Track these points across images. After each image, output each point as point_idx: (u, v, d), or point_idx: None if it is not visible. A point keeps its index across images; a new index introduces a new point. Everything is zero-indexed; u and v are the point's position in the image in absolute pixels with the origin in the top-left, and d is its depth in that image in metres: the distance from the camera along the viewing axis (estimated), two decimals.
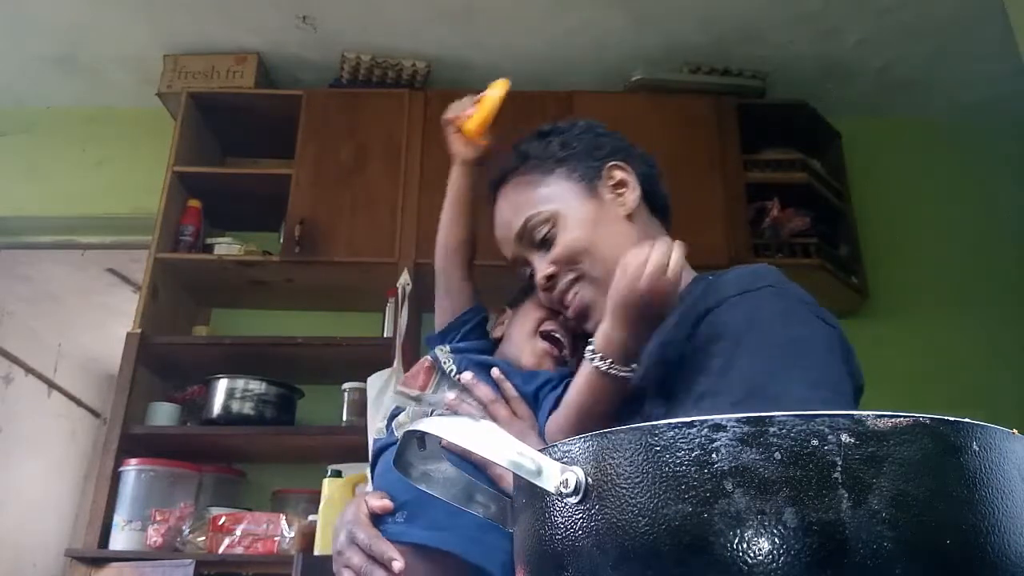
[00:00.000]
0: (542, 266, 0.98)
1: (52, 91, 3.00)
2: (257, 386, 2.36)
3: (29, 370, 4.24)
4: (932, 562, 0.34)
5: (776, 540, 0.34)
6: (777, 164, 2.72)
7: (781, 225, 2.58)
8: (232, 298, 2.76)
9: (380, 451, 1.03)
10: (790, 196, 2.62)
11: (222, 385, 2.36)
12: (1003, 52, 2.39)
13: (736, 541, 0.34)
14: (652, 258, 0.78)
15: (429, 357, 1.07)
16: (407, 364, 2.24)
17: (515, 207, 1.01)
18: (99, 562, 2.12)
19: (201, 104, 2.76)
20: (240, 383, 2.36)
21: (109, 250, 3.17)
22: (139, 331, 2.37)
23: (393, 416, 1.03)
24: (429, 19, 2.68)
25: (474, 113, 1.14)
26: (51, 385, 4.43)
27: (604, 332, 0.82)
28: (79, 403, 4.69)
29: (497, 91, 1.14)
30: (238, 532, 2.10)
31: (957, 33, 2.70)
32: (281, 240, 2.54)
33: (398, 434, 1.00)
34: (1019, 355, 2.65)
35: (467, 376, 0.97)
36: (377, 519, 0.91)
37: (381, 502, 0.90)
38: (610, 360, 0.81)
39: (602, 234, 0.96)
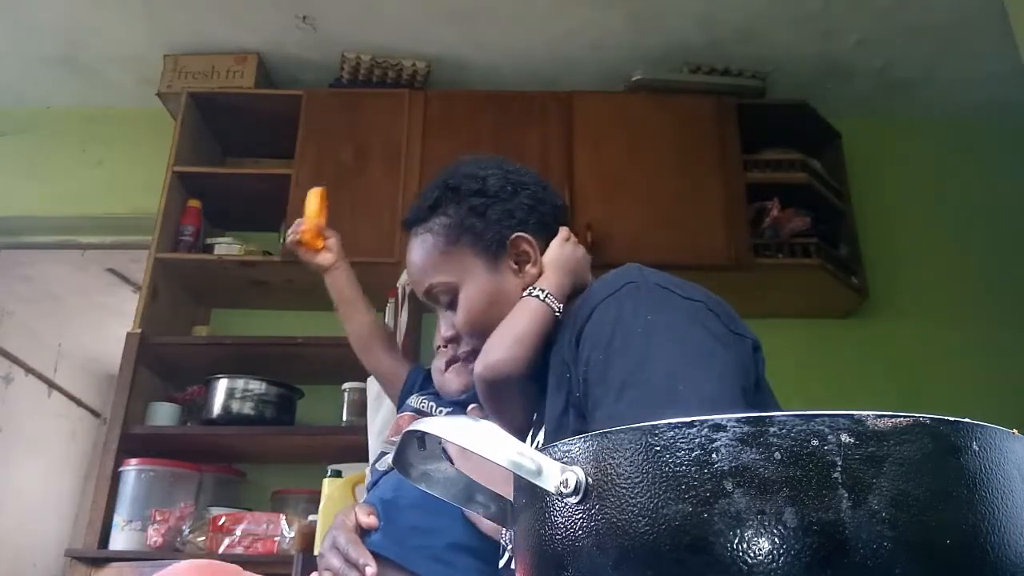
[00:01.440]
0: (444, 326, 1.07)
1: (52, 91, 3.00)
2: (257, 386, 2.36)
3: (29, 370, 4.24)
4: (932, 562, 0.34)
5: (776, 540, 0.34)
6: (777, 164, 2.72)
7: (781, 225, 2.58)
8: (232, 298, 2.76)
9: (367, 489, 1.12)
10: (790, 196, 2.62)
11: (222, 385, 2.36)
12: (1003, 52, 2.39)
13: (736, 541, 0.34)
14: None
15: (407, 412, 1.16)
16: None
17: (421, 265, 1.06)
18: (99, 562, 2.12)
19: (201, 104, 2.76)
20: (240, 383, 2.36)
21: (109, 250, 3.17)
22: (139, 331, 2.37)
23: (379, 458, 1.10)
24: (429, 19, 2.68)
25: (304, 227, 1.33)
26: (51, 385, 4.43)
27: (545, 276, 1.00)
28: (79, 403, 4.69)
29: (313, 200, 1.33)
30: (238, 532, 2.10)
31: (957, 33, 2.70)
32: (281, 240, 2.54)
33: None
34: (1019, 355, 2.65)
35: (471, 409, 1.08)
36: (363, 532, 0.97)
37: (369, 518, 0.97)
38: (547, 292, 0.97)
39: (498, 310, 1.01)
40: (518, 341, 0.95)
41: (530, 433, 1.00)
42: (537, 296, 0.97)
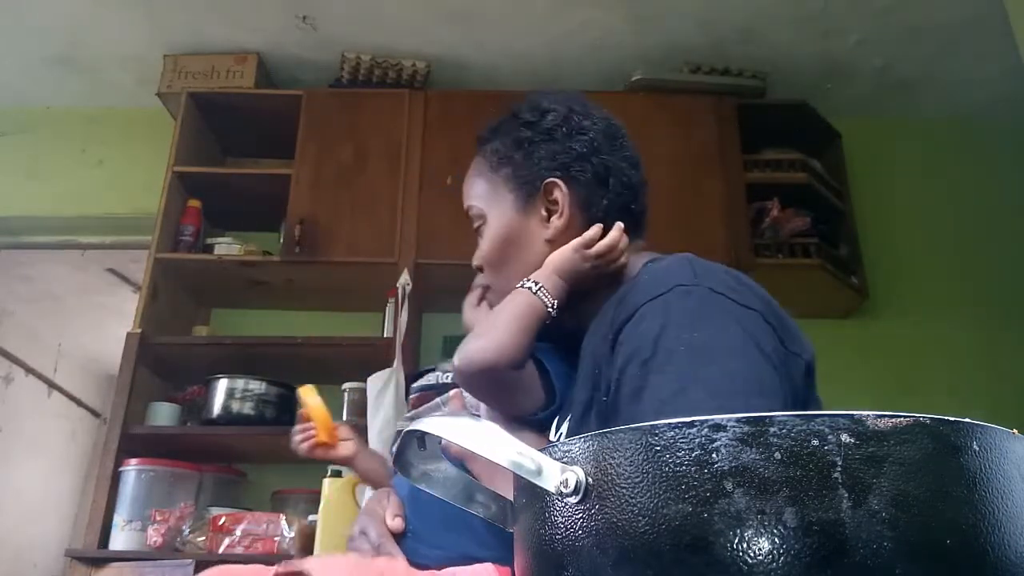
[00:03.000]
0: (476, 255, 1.03)
1: (52, 91, 3.00)
2: (257, 386, 2.36)
3: (29, 370, 4.24)
4: (932, 562, 0.34)
5: (776, 540, 0.34)
6: (777, 164, 2.72)
7: (781, 225, 2.58)
8: (232, 298, 2.76)
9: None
10: (790, 196, 2.62)
11: (222, 385, 2.36)
12: (1003, 52, 2.39)
13: (736, 541, 0.35)
14: (603, 243, 0.93)
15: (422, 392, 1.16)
16: (407, 364, 2.24)
17: (467, 184, 1.05)
18: (99, 562, 2.12)
19: (201, 104, 2.76)
20: (240, 383, 2.36)
21: (109, 250, 3.17)
22: (139, 331, 2.37)
23: (395, 440, 1.06)
24: (429, 19, 2.68)
25: (317, 429, 1.29)
26: (51, 385, 4.43)
27: (542, 271, 0.94)
28: (79, 403, 4.69)
29: (314, 399, 1.31)
30: (238, 532, 2.10)
31: (957, 33, 2.70)
32: (281, 240, 2.54)
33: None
34: (1019, 355, 2.65)
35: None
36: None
37: (395, 521, 0.94)
38: (541, 285, 0.91)
39: (516, 255, 0.98)
40: (498, 331, 0.89)
41: (554, 423, 0.95)
42: (529, 288, 0.92)
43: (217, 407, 2.33)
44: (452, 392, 1.05)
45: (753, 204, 2.62)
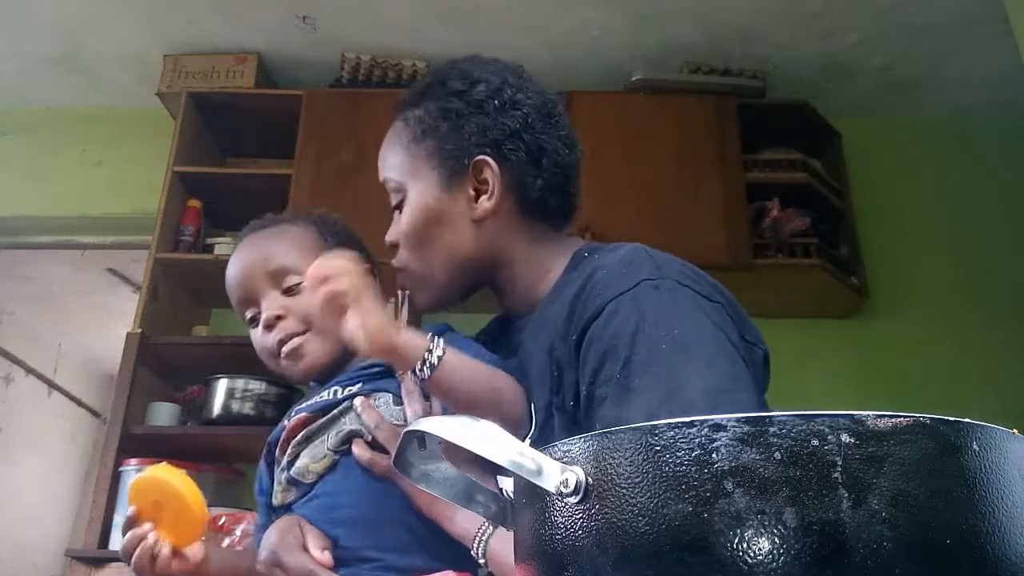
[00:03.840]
0: (391, 231, 0.96)
1: (52, 91, 3.00)
2: (257, 386, 2.36)
3: (29, 370, 4.24)
4: (932, 562, 0.34)
5: (776, 540, 0.34)
6: (777, 164, 2.72)
7: (781, 225, 2.58)
8: None
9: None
10: (790, 196, 2.62)
11: (222, 385, 2.36)
12: (1003, 52, 2.39)
13: (736, 541, 0.35)
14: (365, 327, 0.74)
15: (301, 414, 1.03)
16: None
17: (383, 153, 0.97)
18: (99, 562, 2.12)
19: (201, 104, 2.76)
20: (240, 383, 2.36)
21: (109, 250, 3.17)
22: (139, 331, 2.37)
23: (287, 466, 0.95)
24: (429, 19, 2.68)
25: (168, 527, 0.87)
26: (51, 385, 4.43)
27: (393, 361, 0.83)
28: (79, 403, 4.69)
29: (181, 480, 0.90)
30: (238, 532, 2.10)
31: (957, 33, 2.70)
32: None
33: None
34: (1018, 355, 2.65)
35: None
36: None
37: (325, 555, 0.84)
38: (411, 371, 0.78)
39: (439, 235, 0.90)
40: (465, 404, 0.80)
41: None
42: (414, 379, 0.80)
43: (217, 407, 2.33)
44: (358, 401, 0.90)
45: (753, 204, 2.62)
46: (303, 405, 0.98)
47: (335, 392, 0.94)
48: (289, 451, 0.94)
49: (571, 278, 0.86)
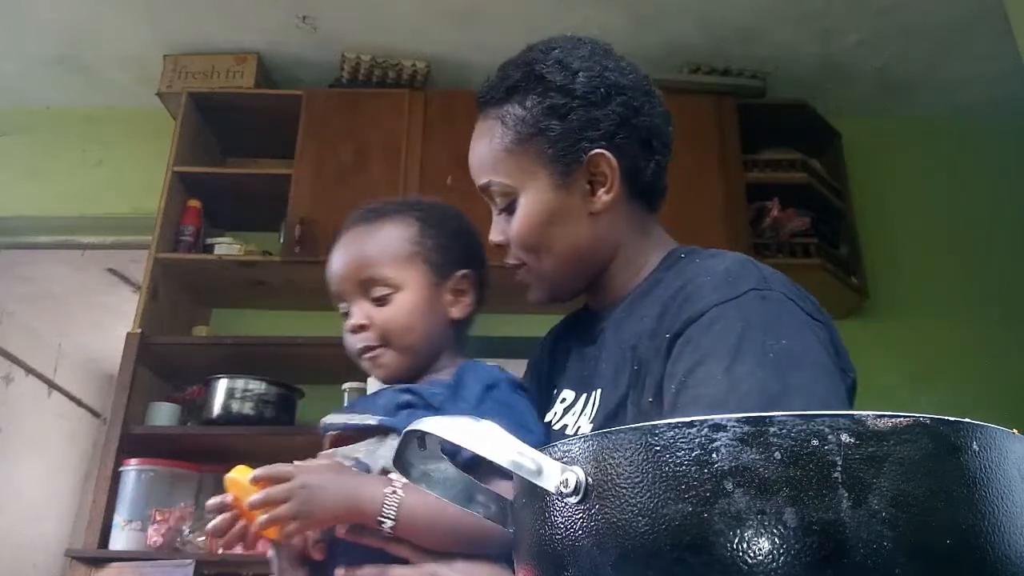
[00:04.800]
0: (495, 230, 0.93)
1: (52, 91, 3.00)
2: (257, 386, 2.36)
3: (29, 370, 4.24)
4: (932, 562, 0.34)
5: (776, 540, 0.34)
6: (777, 164, 2.72)
7: (781, 225, 2.58)
8: (232, 298, 2.76)
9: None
10: (790, 196, 2.62)
11: (222, 385, 2.36)
12: (1003, 52, 2.39)
13: (736, 541, 0.34)
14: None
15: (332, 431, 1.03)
16: None
17: (481, 157, 0.91)
18: (99, 562, 2.12)
19: (201, 104, 2.76)
20: (240, 383, 2.36)
21: (109, 250, 3.17)
22: (139, 331, 2.37)
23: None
24: (429, 19, 2.68)
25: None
26: (51, 385, 4.43)
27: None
28: (79, 403, 4.70)
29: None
30: None
31: (957, 33, 2.70)
32: (281, 240, 2.54)
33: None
34: (1018, 355, 2.65)
35: None
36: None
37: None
38: (379, 527, 0.78)
39: (559, 235, 0.88)
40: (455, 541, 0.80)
41: (557, 413, 0.91)
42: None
43: (217, 407, 2.33)
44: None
45: (753, 204, 2.62)
46: (339, 420, 0.98)
47: (366, 419, 0.94)
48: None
49: (665, 277, 0.86)
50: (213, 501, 0.86)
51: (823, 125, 2.86)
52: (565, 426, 0.88)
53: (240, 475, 0.87)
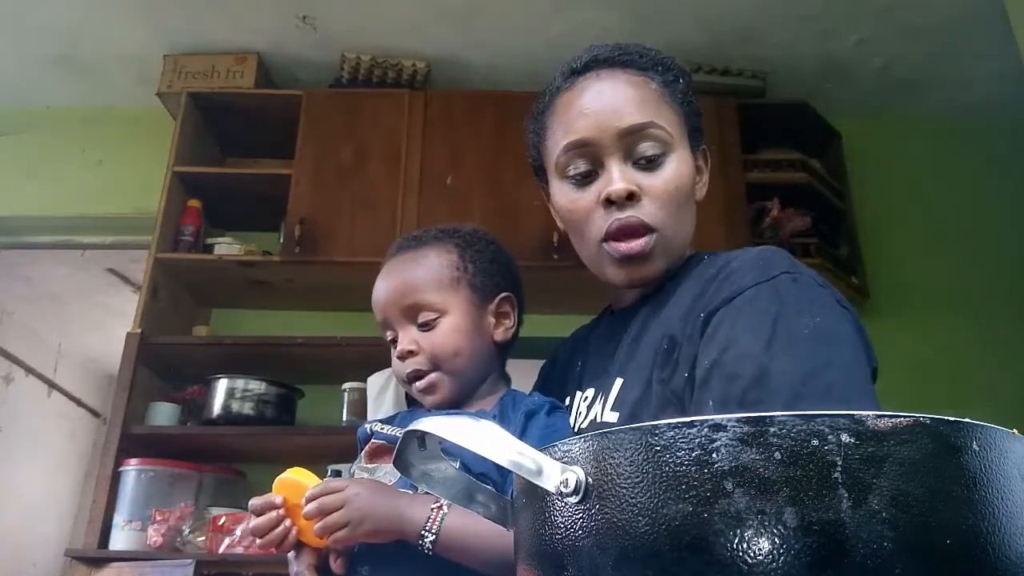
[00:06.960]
0: (627, 180, 0.87)
1: (52, 91, 3.00)
2: (257, 386, 2.36)
3: (29, 370, 4.24)
4: (932, 562, 0.34)
5: (776, 540, 0.34)
6: (777, 164, 2.72)
7: (781, 225, 2.58)
8: (232, 298, 2.76)
9: None
10: (790, 196, 2.62)
11: (222, 385, 2.36)
12: (1003, 52, 2.39)
13: (736, 541, 0.34)
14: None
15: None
16: None
17: (646, 101, 0.90)
18: (99, 562, 2.12)
19: (201, 104, 2.76)
20: (240, 383, 2.36)
21: (109, 250, 3.17)
22: (139, 331, 2.37)
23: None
24: (429, 19, 2.68)
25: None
26: (51, 385, 4.43)
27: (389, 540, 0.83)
28: (79, 403, 4.70)
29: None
30: (238, 532, 2.10)
31: (957, 33, 2.70)
32: (281, 240, 2.54)
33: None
34: (1019, 355, 2.65)
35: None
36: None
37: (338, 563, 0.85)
38: (419, 543, 0.80)
39: (688, 205, 0.95)
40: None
41: (580, 398, 0.93)
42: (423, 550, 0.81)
43: (217, 407, 2.33)
44: None
45: (753, 204, 2.62)
46: (387, 431, 0.99)
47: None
48: (364, 468, 0.96)
49: (693, 272, 0.88)
50: (259, 501, 0.87)
51: (823, 125, 2.86)
52: (592, 422, 0.89)
53: (298, 476, 0.88)
